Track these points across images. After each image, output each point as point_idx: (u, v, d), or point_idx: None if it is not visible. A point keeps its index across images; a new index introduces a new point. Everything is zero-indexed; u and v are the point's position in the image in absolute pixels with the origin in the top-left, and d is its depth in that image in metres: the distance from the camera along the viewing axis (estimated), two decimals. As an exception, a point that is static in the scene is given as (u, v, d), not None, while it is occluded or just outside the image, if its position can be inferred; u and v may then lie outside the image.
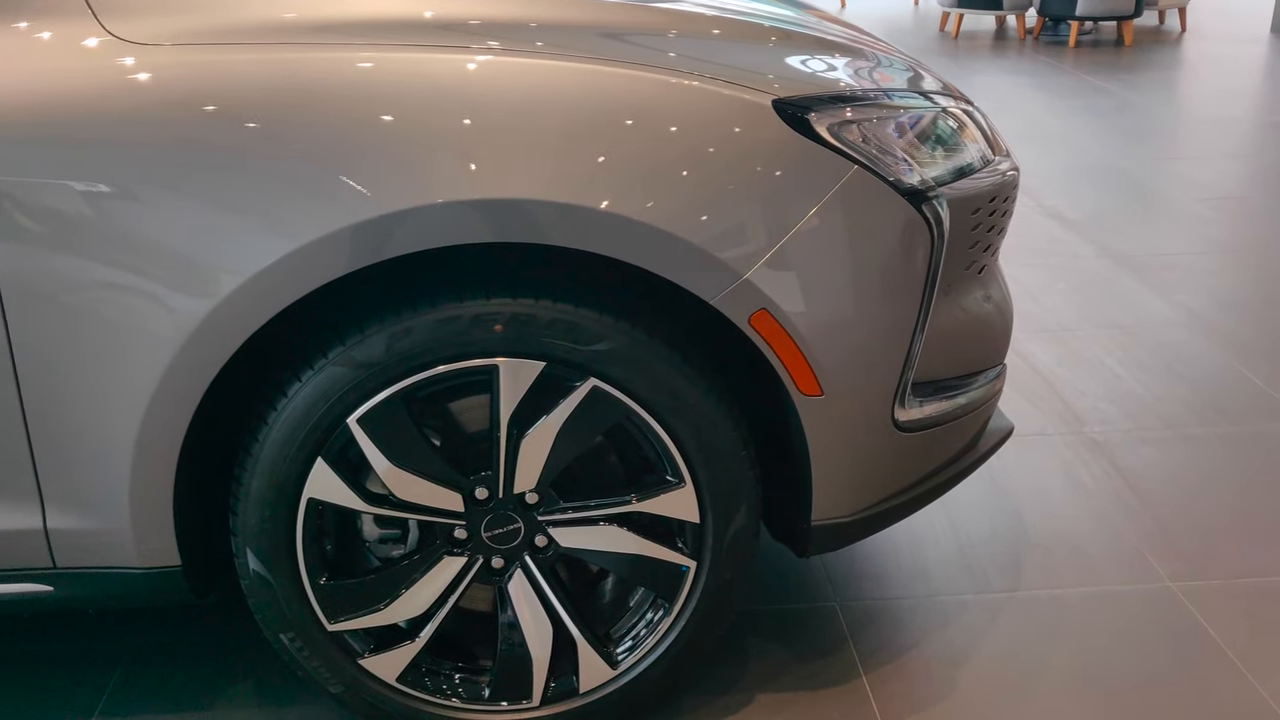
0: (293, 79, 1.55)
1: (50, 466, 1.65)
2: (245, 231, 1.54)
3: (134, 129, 1.51)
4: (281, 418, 1.64)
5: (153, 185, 1.52)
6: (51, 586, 1.76)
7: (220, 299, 1.54)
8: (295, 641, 1.77)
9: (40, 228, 1.52)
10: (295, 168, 1.53)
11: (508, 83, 1.60)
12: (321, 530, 1.74)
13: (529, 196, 1.56)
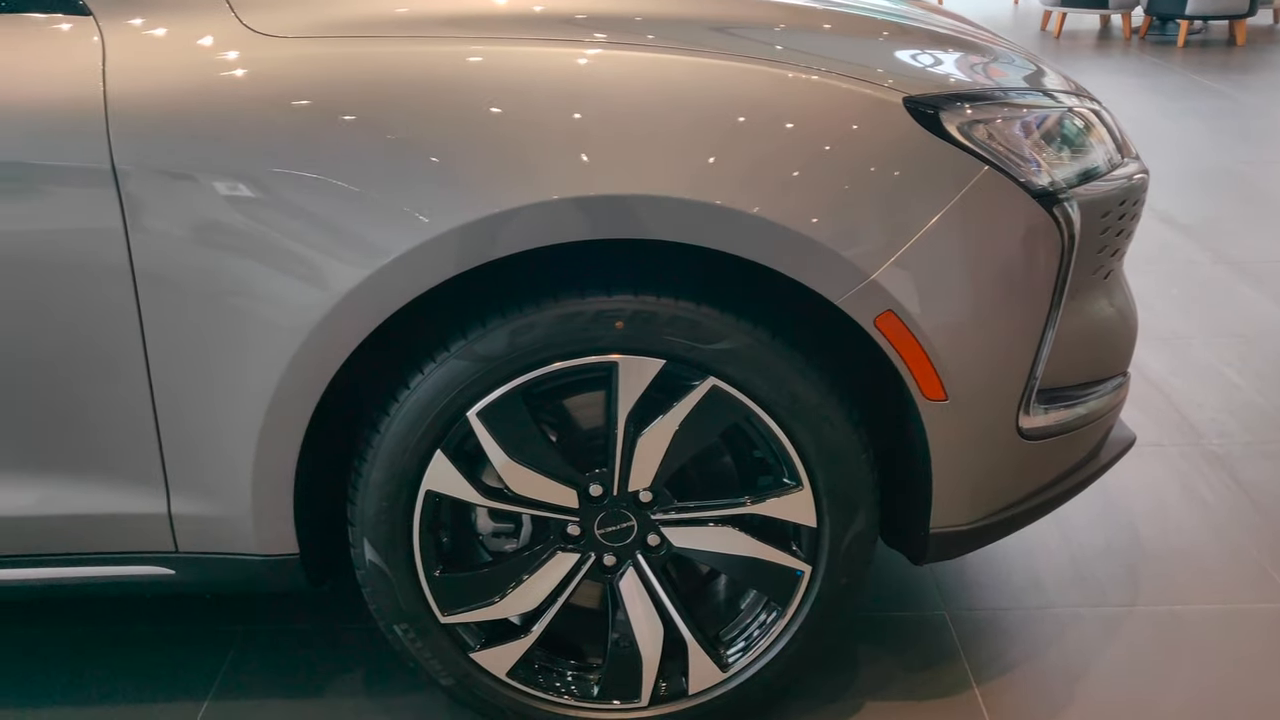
0: (422, 72, 1.56)
1: (176, 452, 1.68)
2: (371, 226, 1.54)
3: (266, 121, 1.53)
4: (403, 409, 1.65)
5: (283, 177, 1.53)
6: (173, 570, 1.79)
7: (346, 291, 1.55)
8: (409, 633, 1.78)
9: (175, 218, 1.54)
10: (420, 163, 1.54)
11: (633, 77, 1.59)
12: (437, 522, 1.75)
13: (655, 193, 1.54)
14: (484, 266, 1.58)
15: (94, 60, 1.53)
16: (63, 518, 1.73)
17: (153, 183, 1.53)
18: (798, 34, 1.73)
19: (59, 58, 1.54)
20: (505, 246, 1.56)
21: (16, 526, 1.74)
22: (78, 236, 1.56)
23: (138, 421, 1.65)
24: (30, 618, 2.21)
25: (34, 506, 1.72)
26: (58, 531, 1.75)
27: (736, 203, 1.56)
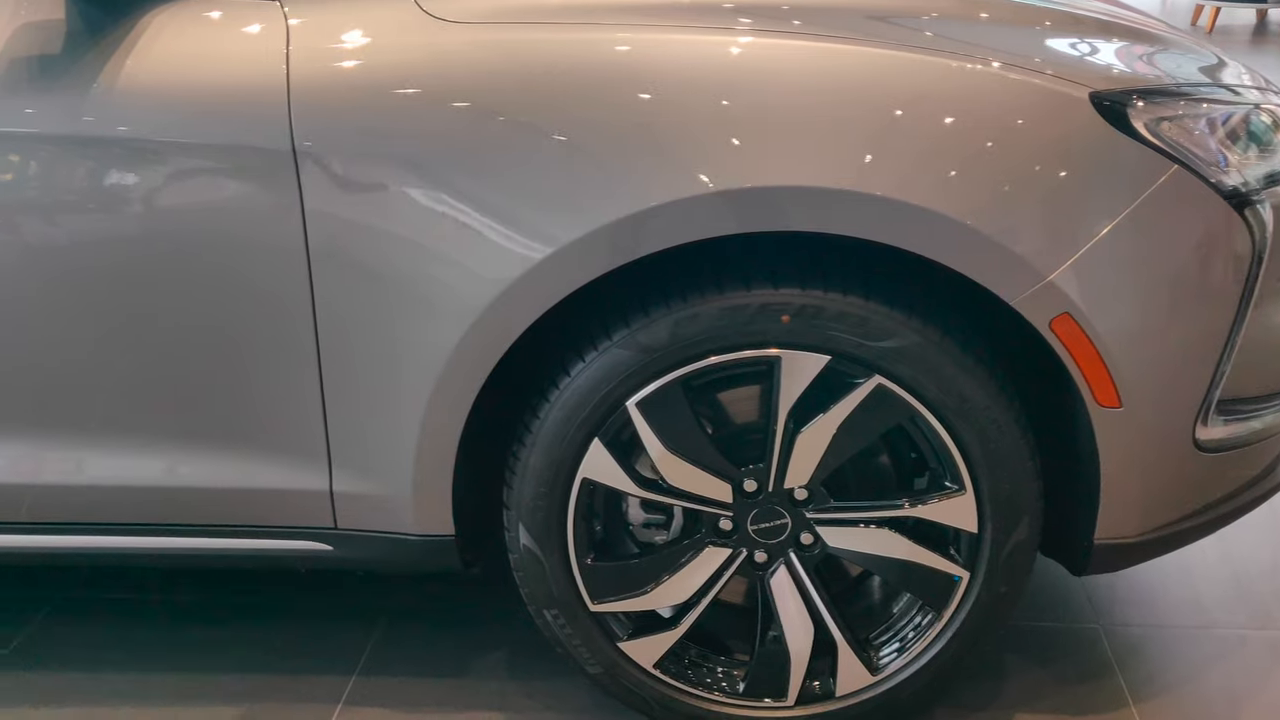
0: (594, 59, 1.55)
1: (341, 430, 1.71)
2: (539, 214, 1.55)
3: (444, 105, 1.54)
4: (563, 396, 1.65)
5: (459, 161, 1.54)
6: (332, 547, 1.82)
7: (514, 278, 1.55)
8: (558, 619, 1.79)
9: (351, 200, 1.57)
10: (589, 152, 1.53)
11: (803, 67, 1.56)
12: (591, 510, 1.75)
13: (821, 185, 1.52)
14: (647, 260, 1.57)
15: (278, 44, 1.56)
16: (228, 491, 1.78)
17: (331, 165, 1.55)
18: (961, 23, 1.68)
19: (245, 41, 1.58)
20: (663, 240, 1.55)
21: (183, 497, 1.79)
22: (256, 216, 1.59)
23: (305, 399, 1.69)
24: (186, 585, 2.28)
25: (200, 479, 1.77)
26: (222, 504, 1.79)
27: (901, 195, 1.52)
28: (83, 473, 1.79)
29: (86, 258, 1.63)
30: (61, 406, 1.75)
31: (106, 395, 1.73)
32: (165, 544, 1.85)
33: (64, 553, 1.89)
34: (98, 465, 1.78)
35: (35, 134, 1.58)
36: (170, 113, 1.57)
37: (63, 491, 1.80)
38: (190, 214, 1.61)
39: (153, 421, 1.75)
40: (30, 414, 1.75)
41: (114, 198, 1.61)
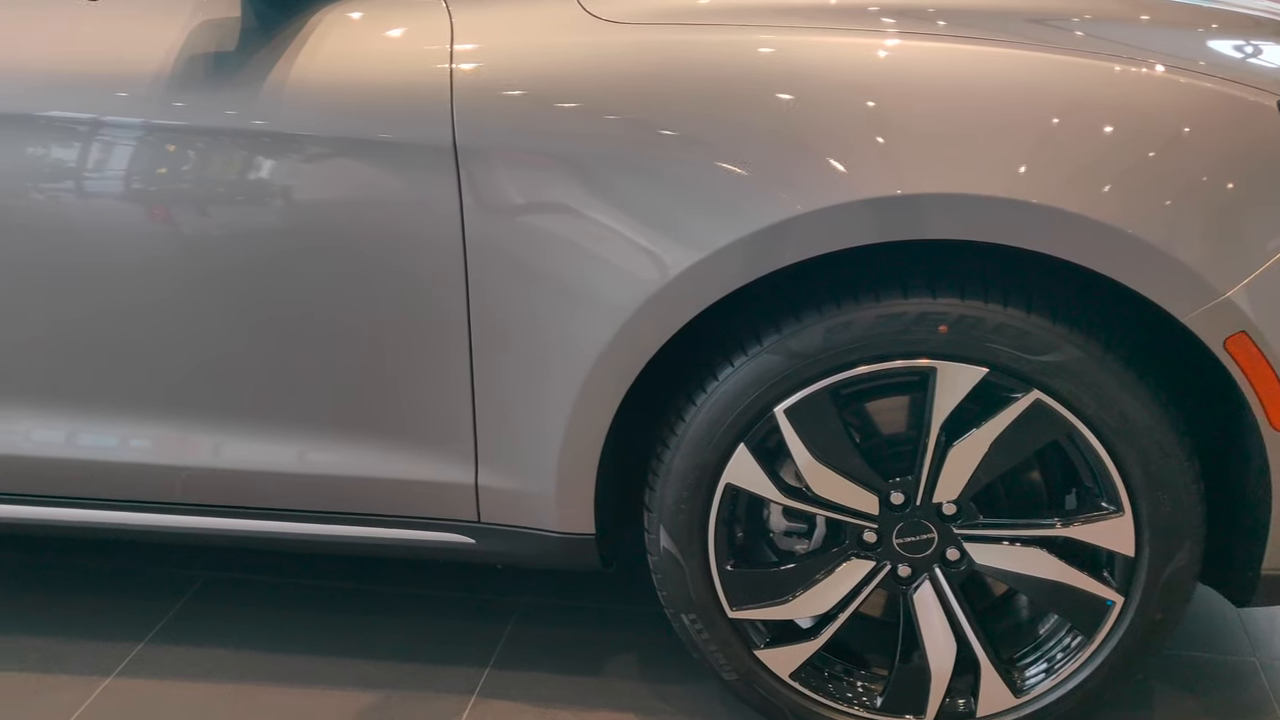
0: (753, 62, 1.54)
1: (489, 425, 1.72)
2: (696, 218, 1.54)
3: (604, 106, 1.54)
4: (710, 400, 1.64)
5: (617, 162, 1.55)
6: (474, 540, 1.84)
7: (668, 280, 1.55)
8: (696, 624, 1.78)
9: (510, 198, 1.58)
10: (746, 157, 1.52)
11: (959, 70, 1.52)
12: (733, 516, 1.74)
13: (974, 192, 1.48)
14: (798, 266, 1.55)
15: (443, 43, 1.58)
16: (375, 481, 1.81)
17: (491, 163, 1.57)
18: (1123, 25, 1.62)
19: (410, 39, 1.60)
20: (810, 249, 1.53)
21: (331, 486, 1.83)
22: (415, 212, 1.62)
23: (455, 394, 1.71)
24: (328, 571, 2.33)
25: (350, 468, 1.81)
26: (369, 494, 1.83)
27: (1058, 202, 1.47)
28: (233, 458, 1.84)
29: (252, 249, 1.68)
30: (213, 392, 1.80)
31: (258, 383, 1.78)
32: (311, 530, 1.89)
33: (213, 534, 1.94)
34: (248, 451, 1.83)
35: (208, 128, 1.63)
36: (336, 109, 1.60)
37: (212, 475, 1.86)
38: (352, 209, 1.64)
39: (304, 410, 1.79)
40: (182, 398, 1.81)
41: (279, 192, 1.65)
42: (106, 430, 1.85)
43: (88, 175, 1.68)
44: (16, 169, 1.68)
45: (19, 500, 1.94)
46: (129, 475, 1.88)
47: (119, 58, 1.64)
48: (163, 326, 1.75)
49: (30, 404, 1.85)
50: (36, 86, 1.66)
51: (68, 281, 1.74)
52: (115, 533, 1.97)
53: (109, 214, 1.70)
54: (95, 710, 1.97)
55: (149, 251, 1.71)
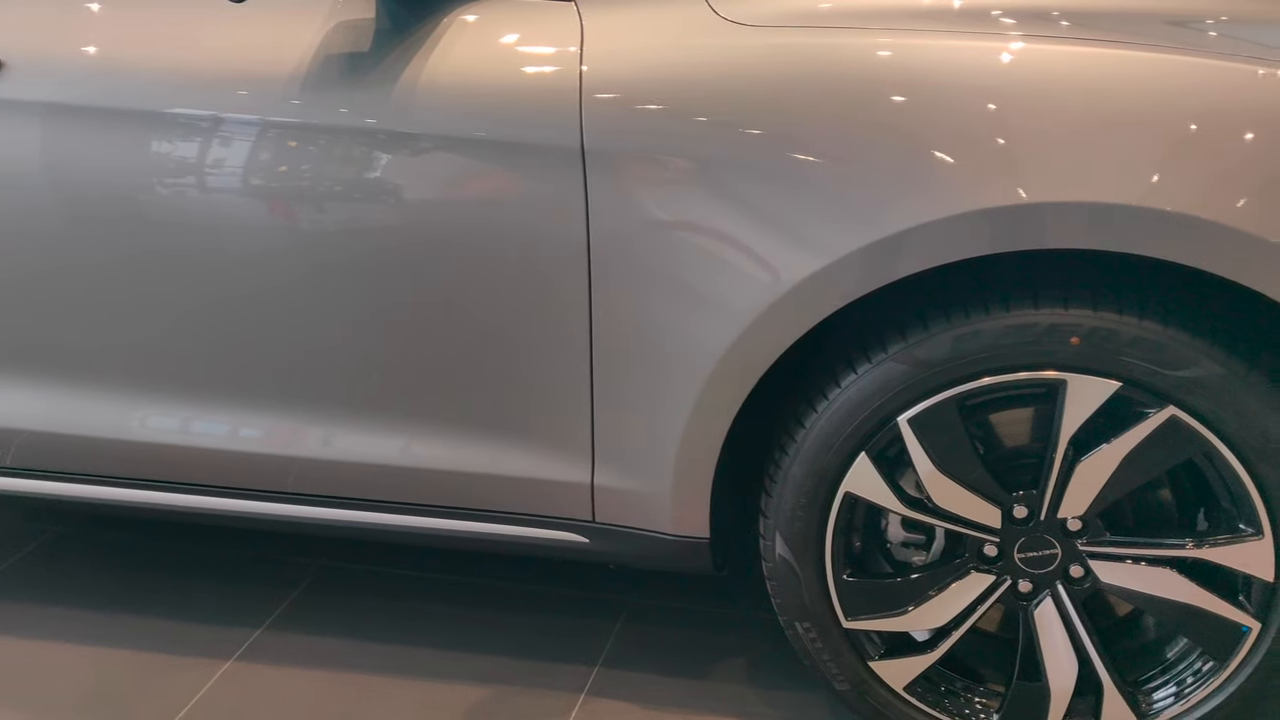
0: (888, 68, 1.52)
1: (607, 426, 1.73)
2: (822, 224, 1.53)
3: (733, 110, 1.53)
4: (832, 407, 1.62)
5: (744, 166, 1.54)
6: (587, 539, 1.85)
7: (793, 285, 1.54)
8: (809, 632, 1.76)
9: (636, 200, 1.58)
10: (878, 160, 1.50)
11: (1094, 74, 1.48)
12: (851, 525, 1.71)
13: (1125, 202, 1.43)
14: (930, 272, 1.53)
15: (572, 45, 1.59)
16: (492, 477, 1.83)
17: (618, 165, 1.57)
18: (1262, 27, 1.56)
19: (540, 41, 1.61)
20: (940, 257, 1.50)
21: (447, 481, 1.85)
22: (541, 212, 1.63)
23: (575, 393, 1.72)
24: (440, 564, 2.36)
25: (467, 464, 1.83)
26: (485, 490, 1.85)
27: (1196, 210, 1.42)
28: (350, 450, 1.87)
29: (376, 246, 1.70)
30: (330, 386, 1.83)
31: (378, 377, 1.81)
32: (426, 524, 1.92)
33: (329, 525, 1.98)
34: (366, 444, 1.86)
35: (342, 127, 1.65)
36: (466, 110, 1.62)
37: (327, 467, 1.89)
38: (478, 209, 1.66)
39: (422, 405, 1.81)
40: (299, 391, 1.85)
41: (407, 190, 1.68)
42: (223, 419, 1.90)
43: (226, 172, 1.73)
44: (163, 164, 1.73)
45: (139, 485, 2.00)
46: (247, 465, 1.92)
47: (261, 57, 1.68)
48: (289, 320, 1.79)
49: (151, 392, 1.91)
50: (184, 84, 1.71)
51: (195, 274, 1.79)
52: (234, 521, 2.02)
53: (243, 209, 1.74)
54: (216, 692, 2.03)
55: (276, 246, 1.75)
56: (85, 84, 1.73)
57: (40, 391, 1.95)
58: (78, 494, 2.04)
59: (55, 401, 1.95)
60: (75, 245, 1.81)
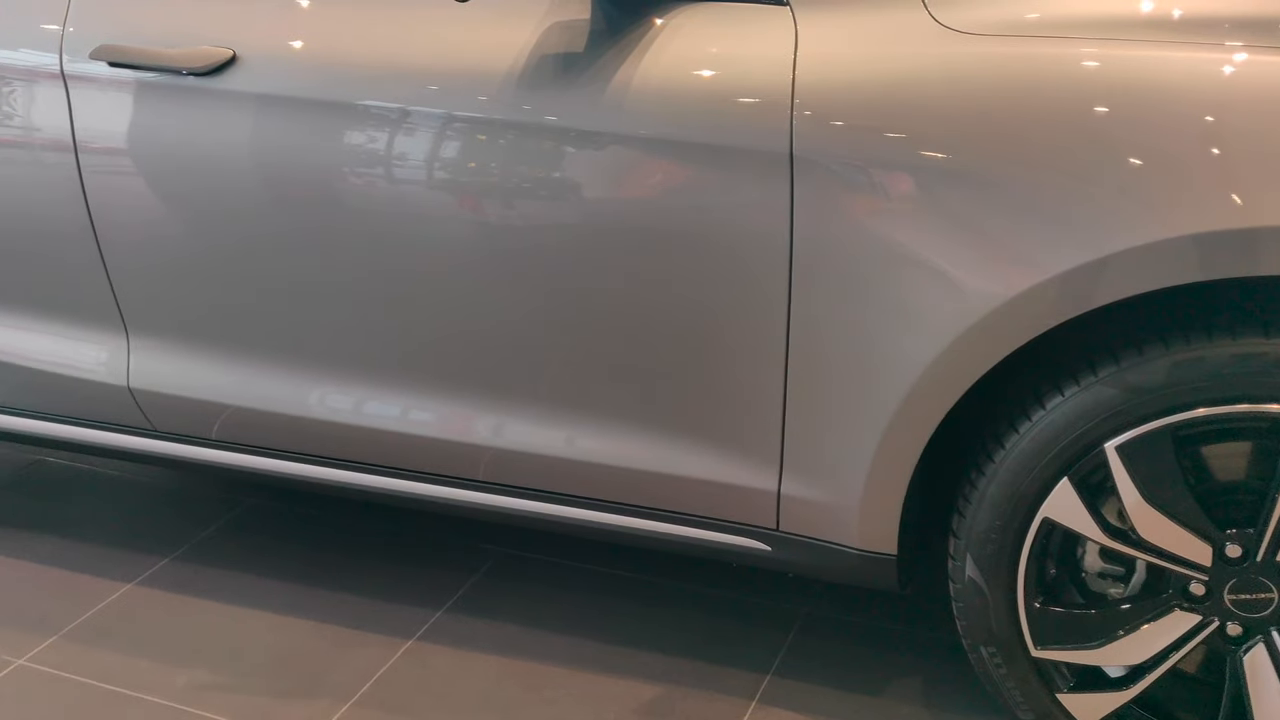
0: (1110, 79, 1.45)
1: (798, 435, 1.71)
2: (1040, 238, 1.47)
3: (949, 120, 1.49)
4: (1034, 429, 1.57)
5: (956, 179, 1.50)
6: (769, 547, 1.84)
7: (1005, 300, 1.49)
8: (995, 658, 1.71)
9: (844, 205, 1.56)
10: (1100, 178, 1.44)
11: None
12: (1046, 551, 1.66)
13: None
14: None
15: (786, 50, 1.57)
16: (677, 478, 1.83)
17: (827, 171, 1.55)
18: None
19: (753, 44, 1.60)
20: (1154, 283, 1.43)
21: (633, 479, 1.86)
22: (743, 216, 1.62)
23: (767, 400, 1.71)
24: (617, 560, 2.38)
25: (653, 463, 1.84)
26: (670, 490, 1.85)
27: None
28: (538, 444, 1.90)
29: (578, 244, 1.72)
30: (524, 378, 1.86)
31: (571, 372, 1.83)
32: (606, 520, 1.94)
33: (513, 514, 2.01)
34: (553, 437, 1.89)
35: (555, 126, 1.68)
36: (675, 112, 1.62)
37: (517, 457, 1.93)
38: (681, 211, 1.65)
39: (609, 402, 1.83)
40: (491, 381, 1.89)
41: (611, 190, 1.69)
42: (413, 405, 1.96)
43: (438, 166, 1.77)
44: (378, 157, 1.79)
45: (328, 463, 2.08)
46: (436, 451, 1.98)
47: (478, 56, 1.71)
48: (491, 313, 1.83)
49: (344, 375, 1.98)
50: (403, 81, 1.75)
51: (395, 266, 1.85)
52: (414, 503, 2.08)
53: (450, 203, 1.78)
54: (397, 670, 2.09)
55: (479, 240, 1.78)
56: (311, 78, 1.80)
57: (246, 370, 2.05)
58: (272, 469, 2.14)
59: (255, 380, 2.04)
60: (289, 231, 1.89)
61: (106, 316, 2.10)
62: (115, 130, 1.93)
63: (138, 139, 1.93)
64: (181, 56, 1.84)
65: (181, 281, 2.00)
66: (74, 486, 2.78)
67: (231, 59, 1.82)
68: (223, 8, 1.87)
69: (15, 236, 2.09)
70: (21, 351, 2.22)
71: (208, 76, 1.84)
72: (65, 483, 2.80)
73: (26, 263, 2.12)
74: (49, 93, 1.95)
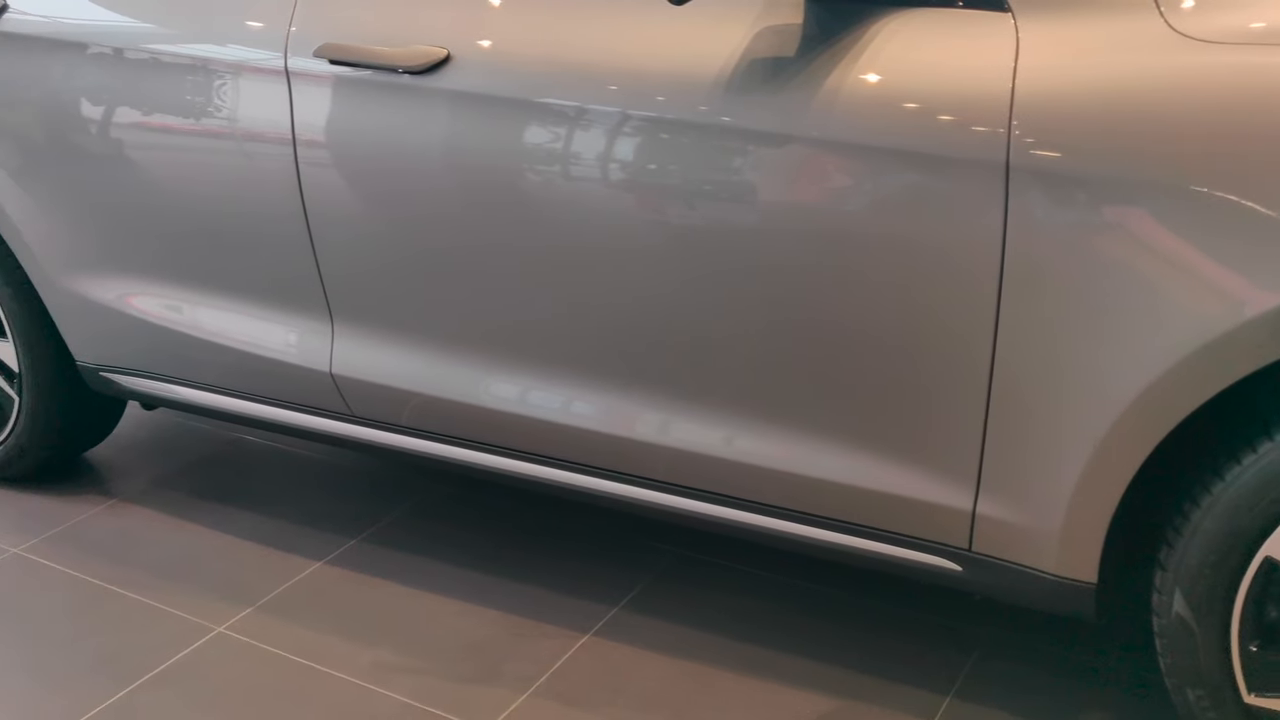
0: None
1: (998, 453, 1.66)
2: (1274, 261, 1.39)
3: (1182, 135, 1.42)
4: (1260, 463, 1.48)
5: (1188, 194, 1.42)
6: (960, 568, 1.79)
7: (1239, 323, 1.41)
8: (1201, 701, 1.62)
9: (1060, 220, 1.50)
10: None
11: None
12: (1265, 592, 1.56)
13: None
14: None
15: (1006, 58, 1.52)
16: (866, 491, 1.80)
17: (1044, 184, 1.50)
18: None
19: (971, 52, 1.55)
20: None
21: (821, 490, 1.84)
22: (954, 228, 1.57)
23: (967, 417, 1.66)
24: (793, 569, 2.36)
25: (843, 473, 1.81)
26: (858, 503, 1.82)
27: None
28: (726, 446, 1.89)
29: (781, 250, 1.71)
30: (715, 381, 1.86)
31: (765, 378, 1.81)
32: (793, 529, 1.92)
33: (696, 517, 2.00)
34: (740, 442, 1.87)
35: (763, 131, 1.67)
36: (887, 119, 1.58)
37: (703, 461, 1.92)
38: (886, 220, 1.62)
39: (803, 410, 1.80)
40: (684, 383, 1.89)
41: (817, 196, 1.67)
42: (598, 404, 1.97)
43: (644, 168, 1.77)
44: (584, 158, 1.81)
45: (517, 457, 2.12)
46: (617, 448, 1.99)
47: (688, 59, 1.71)
48: (684, 316, 1.83)
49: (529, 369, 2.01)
50: (613, 83, 1.77)
51: (598, 268, 1.87)
52: (599, 501, 2.09)
53: (655, 206, 1.78)
54: (574, 663, 2.12)
55: (681, 246, 1.78)
56: (523, 79, 1.83)
57: (439, 360, 2.10)
58: (457, 458, 2.19)
59: (447, 370, 2.09)
60: (490, 229, 1.92)
61: (313, 304, 2.18)
62: (332, 125, 2.01)
63: (352, 134, 1.99)
64: (398, 55, 1.90)
65: (386, 273, 2.07)
66: (270, 464, 2.91)
67: (446, 58, 1.87)
68: (439, 8, 1.92)
69: (232, 224, 2.20)
70: (231, 334, 2.33)
71: (422, 75, 1.89)
72: (262, 461, 2.93)
73: (241, 250, 2.22)
74: (272, 89, 2.04)
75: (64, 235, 2.42)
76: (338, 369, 2.20)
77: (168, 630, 2.25)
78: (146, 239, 2.33)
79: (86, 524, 2.65)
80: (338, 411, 2.28)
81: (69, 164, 2.34)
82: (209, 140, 2.16)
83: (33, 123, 2.35)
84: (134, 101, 2.21)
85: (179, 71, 2.14)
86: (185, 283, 2.34)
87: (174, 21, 2.18)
